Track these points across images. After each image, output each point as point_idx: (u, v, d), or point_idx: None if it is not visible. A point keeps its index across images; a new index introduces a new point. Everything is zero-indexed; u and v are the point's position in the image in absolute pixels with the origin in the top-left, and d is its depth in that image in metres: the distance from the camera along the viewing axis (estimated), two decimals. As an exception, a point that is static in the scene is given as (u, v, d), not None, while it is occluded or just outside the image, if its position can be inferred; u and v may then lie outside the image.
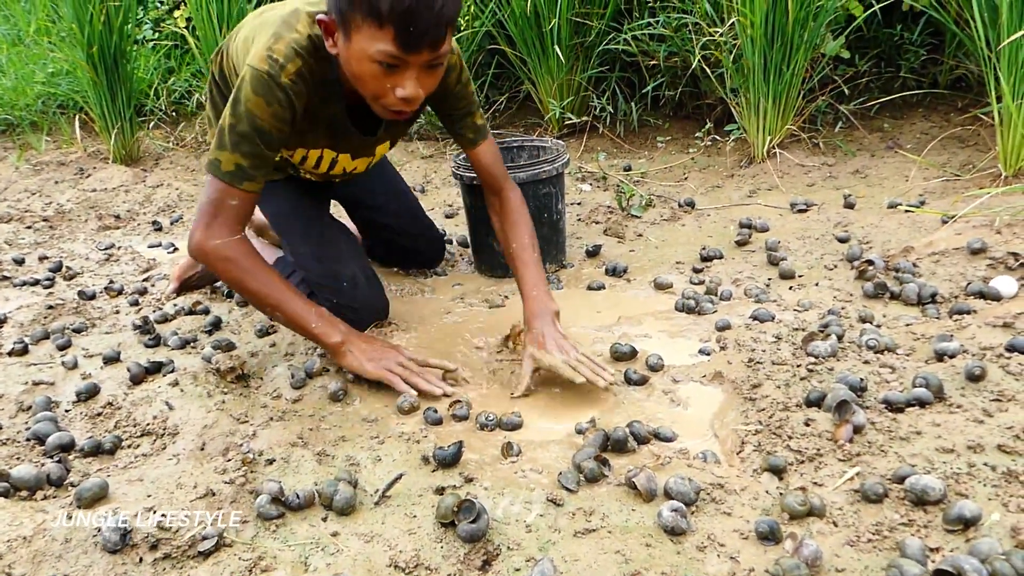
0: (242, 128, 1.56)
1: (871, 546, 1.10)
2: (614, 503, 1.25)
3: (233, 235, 1.61)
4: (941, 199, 2.62)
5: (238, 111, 1.55)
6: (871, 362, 1.58)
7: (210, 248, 1.60)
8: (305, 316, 1.66)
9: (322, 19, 1.48)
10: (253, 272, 1.62)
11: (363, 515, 1.27)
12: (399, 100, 1.48)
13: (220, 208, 1.59)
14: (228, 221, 1.60)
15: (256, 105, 1.54)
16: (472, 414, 1.61)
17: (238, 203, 1.60)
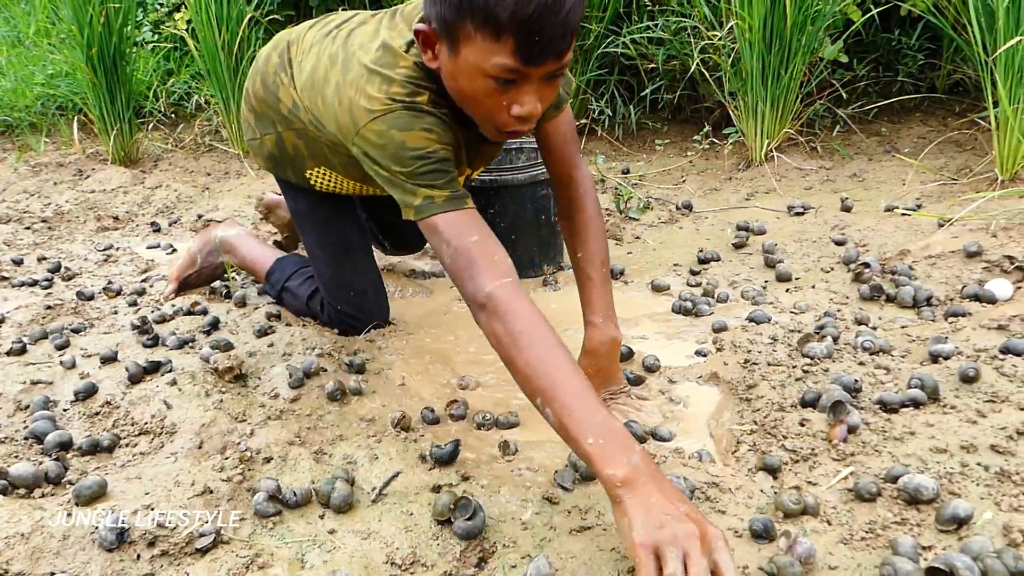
0: (416, 171, 1.32)
1: (864, 544, 1.11)
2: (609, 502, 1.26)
3: (503, 278, 1.23)
4: (938, 203, 2.63)
5: (401, 160, 1.33)
6: (866, 363, 1.59)
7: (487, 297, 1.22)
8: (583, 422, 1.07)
9: (420, 29, 1.28)
10: (531, 338, 1.16)
11: (360, 513, 1.28)
12: (514, 119, 1.27)
13: (466, 252, 1.26)
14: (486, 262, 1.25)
15: (416, 140, 1.32)
16: (469, 413, 1.62)
17: (478, 237, 1.28)
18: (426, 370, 1.86)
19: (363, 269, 1.98)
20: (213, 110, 4.34)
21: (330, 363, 1.83)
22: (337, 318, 1.99)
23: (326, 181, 1.84)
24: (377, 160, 1.37)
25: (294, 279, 2.13)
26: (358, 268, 1.97)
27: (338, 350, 1.90)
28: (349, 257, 1.96)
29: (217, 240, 2.34)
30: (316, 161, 1.79)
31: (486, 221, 1.50)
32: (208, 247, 2.35)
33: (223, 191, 3.70)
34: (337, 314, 1.99)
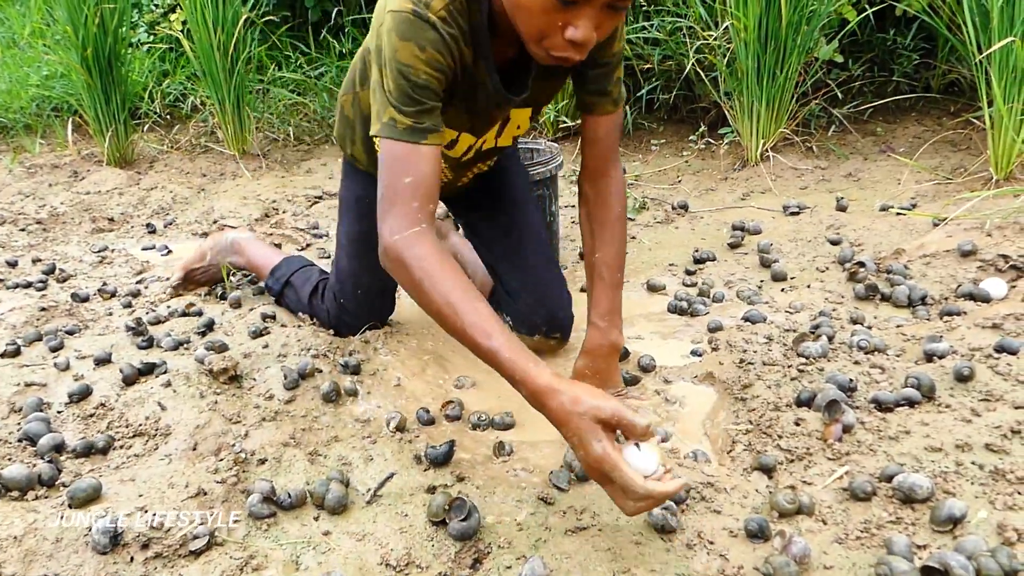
0: (395, 86, 1.27)
1: (859, 543, 1.11)
2: (605, 502, 1.26)
3: (413, 226, 1.24)
4: (933, 202, 2.63)
5: (390, 68, 1.27)
6: (861, 362, 1.59)
7: (391, 244, 1.24)
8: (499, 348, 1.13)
9: None
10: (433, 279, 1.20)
11: (355, 514, 1.28)
12: (567, 43, 1.19)
13: (394, 188, 1.26)
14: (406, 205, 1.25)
15: (407, 53, 1.26)
16: (465, 414, 1.62)
17: (413, 179, 1.26)
18: (422, 371, 1.86)
19: (378, 288, 1.95)
20: (209, 111, 4.33)
21: (325, 364, 1.83)
22: (336, 314, 1.97)
23: None
24: (377, 56, 1.31)
25: (299, 275, 2.12)
26: (371, 284, 1.93)
27: (333, 351, 1.90)
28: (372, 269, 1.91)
29: (228, 240, 2.35)
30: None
31: None
32: (219, 246, 2.36)
33: (219, 192, 3.69)
34: (338, 309, 1.97)
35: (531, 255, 1.87)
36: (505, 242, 1.89)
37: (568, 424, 1.06)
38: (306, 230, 3.04)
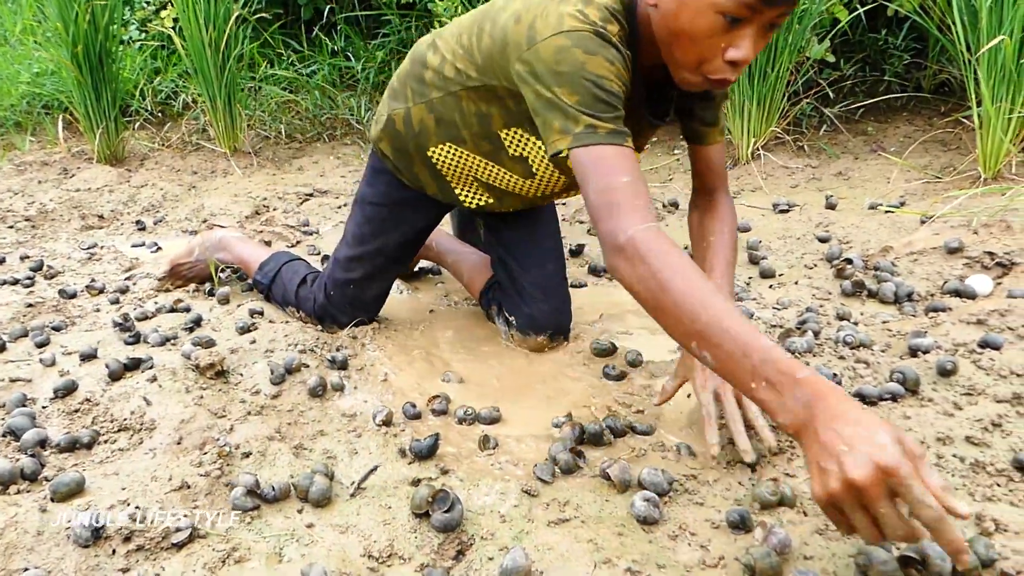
0: (586, 96, 1.24)
1: (839, 534, 1.11)
2: (588, 494, 1.26)
3: (649, 221, 1.14)
4: (921, 200, 2.64)
5: (573, 82, 1.24)
6: (846, 357, 1.59)
7: (629, 239, 1.12)
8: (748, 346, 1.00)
9: None
10: (677, 272, 1.07)
11: (338, 507, 1.28)
12: (727, 64, 1.21)
13: (612, 192, 1.17)
14: (633, 203, 1.16)
15: (597, 65, 1.24)
16: (451, 408, 1.62)
17: (630, 179, 1.18)
18: (410, 366, 1.86)
19: (385, 279, 1.97)
20: (200, 109, 4.33)
21: (312, 359, 1.82)
22: (323, 305, 1.97)
23: (451, 159, 1.74)
24: (542, 79, 1.28)
25: (287, 268, 2.12)
26: (381, 278, 1.96)
27: (321, 346, 1.90)
28: (384, 267, 1.94)
29: (217, 238, 2.35)
30: (443, 137, 1.71)
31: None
32: (208, 243, 2.35)
33: (209, 190, 3.69)
34: (326, 301, 1.96)
35: (550, 262, 1.92)
36: (528, 246, 1.92)
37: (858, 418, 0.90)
38: (296, 227, 3.03)
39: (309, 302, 2.01)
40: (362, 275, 1.93)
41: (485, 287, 2.05)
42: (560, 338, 1.90)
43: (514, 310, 1.91)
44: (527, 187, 1.74)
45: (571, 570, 1.09)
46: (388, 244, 1.92)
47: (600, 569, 1.09)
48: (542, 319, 1.88)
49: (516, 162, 1.68)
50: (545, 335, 1.88)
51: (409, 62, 1.76)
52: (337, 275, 1.95)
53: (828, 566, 1.06)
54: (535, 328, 1.88)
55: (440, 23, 3.68)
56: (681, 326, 1.06)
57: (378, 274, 1.96)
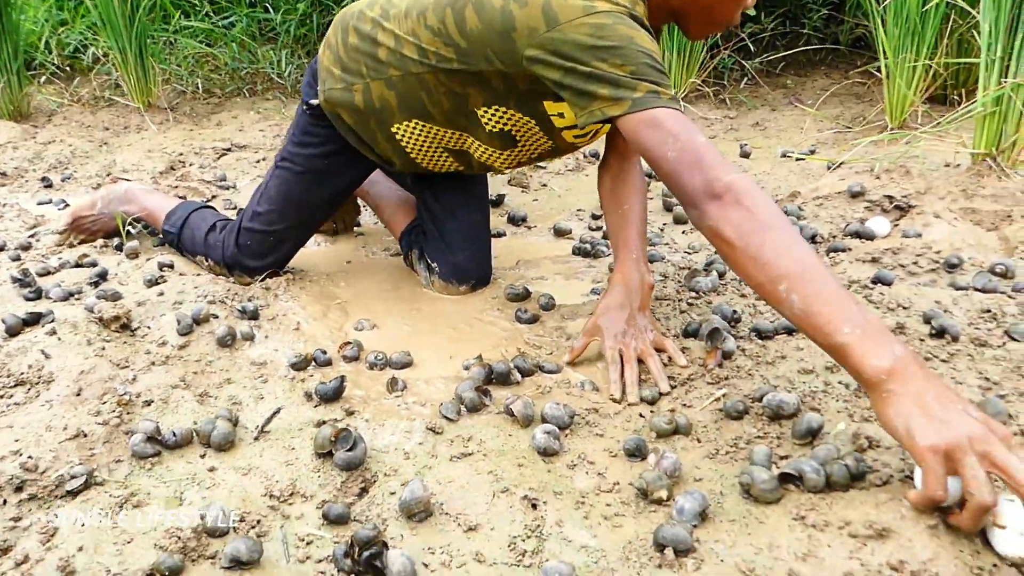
0: (641, 65, 1.26)
1: (728, 457, 1.16)
2: (492, 430, 1.28)
3: (735, 171, 1.18)
4: (831, 149, 2.72)
5: (626, 54, 1.26)
6: (748, 295, 1.64)
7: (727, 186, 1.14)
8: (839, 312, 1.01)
9: None
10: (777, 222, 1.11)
11: (241, 450, 1.27)
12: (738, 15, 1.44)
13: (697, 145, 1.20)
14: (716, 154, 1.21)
15: (644, 40, 1.28)
16: (364, 355, 1.62)
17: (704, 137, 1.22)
18: (324, 315, 1.84)
19: (307, 233, 1.96)
20: (112, 63, 4.15)
21: (222, 310, 1.79)
22: (234, 254, 1.92)
23: (417, 135, 1.72)
24: (574, 57, 1.29)
25: (195, 216, 2.06)
26: (303, 231, 1.94)
27: (232, 297, 1.86)
28: (308, 221, 1.92)
29: (122, 190, 2.27)
30: (408, 114, 1.67)
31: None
32: (112, 195, 2.28)
33: (122, 146, 3.56)
34: (237, 250, 1.91)
35: (476, 211, 1.93)
36: (456, 193, 1.92)
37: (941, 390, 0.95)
38: (213, 182, 2.96)
39: (218, 250, 1.96)
40: (284, 227, 1.90)
41: (407, 228, 2.04)
42: (482, 287, 1.91)
43: (437, 257, 1.90)
44: (502, 157, 1.73)
45: (470, 499, 1.11)
46: (318, 199, 1.89)
47: (498, 498, 1.11)
48: (466, 268, 1.88)
49: (495, 136, 1.66)
50: (468, 284, 1.89)
51: (356, 37, 1.69)
52: (255, 226, 1.91)
53: (716, 487, 1.11)
54: (458, 277, 1.88)
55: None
56: (776, 267, 1.07)
57: (301, 227, 1.93)
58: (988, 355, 1.31)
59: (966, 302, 1.48)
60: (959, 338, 1.36)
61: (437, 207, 1.93)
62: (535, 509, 1.09)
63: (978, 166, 2.11)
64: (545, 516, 1.07)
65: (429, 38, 1.55)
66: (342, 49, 1.74)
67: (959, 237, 1.84)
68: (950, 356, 1.33)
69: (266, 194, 1.92)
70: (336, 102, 1.77)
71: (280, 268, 1.98)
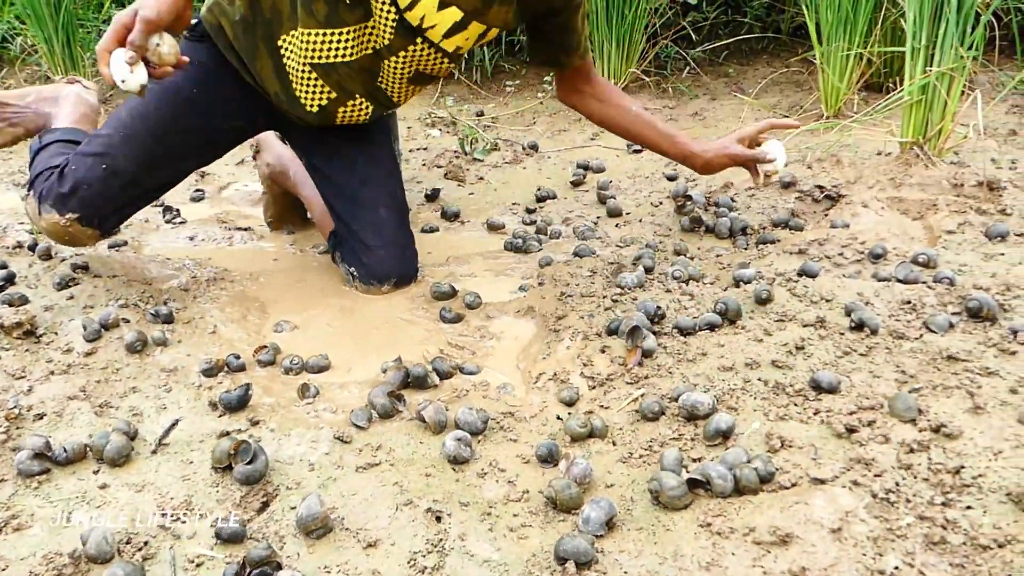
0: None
1: (641, 461, 1.13)
2: (403, 437, 1.24)
3: None
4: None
5: None
6: (673, 291, 1.62)
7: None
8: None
9: None
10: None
11: (137, 465, 1.21)
12: None
13: None
14: None
15: None
16: (280, 359, 1.56)
17: None
18: (243, 318, 1.78)
19: (134, 187, 1.70)
20: (40, 54, 3.99)
21: (134, 314, 1.72)
22: (50, 184, 1.67)
23: (297, 47, 1.62)
24: None
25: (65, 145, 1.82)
26: (130, 180, 1.67)
27: (146, 300, 1.79)
28: (147, 167, 1.68)
29: (66, 92, 2.05)
30: (293, 22, 1.60)
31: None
32: (52, 93, 2.05)
33: (48, 140, 3.42)
34: (56, 179, 1.66)
35: (382, 207, 1.84)
36: (357, 189, 1.84)
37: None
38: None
39: (41, 179, 1.70)
40: (124, 157, 1.65)
41: (334, 229, 1.97)
42: (404, 286, 1.85)
43: (353, 260, 1.84)
44: (365, 43, 1.62)
45: (372, 513, 1.07)
46: (175, 131, 1.69)
47: (401, 511, 1.07)
48: (381, 268, 1.82)
49: (355, 7, 1.56)
50: (389, 283, 1.83)
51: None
52: (89, 149, 1.66)
53: (626, 492, 1.08)
54: (376, 278, 1.82)
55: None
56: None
57: (143, 167, 1.68)
58: (905, 348, 1.30)
59: (887, 293, 1.48)
60: (878, 331, 1.35)
61: (340, 206, 1.85)
62: (439, 522, 1.05)
63: (906, 155, 2.12)
64: (449, 529, 1.03)
65: None
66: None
67: (885, 227, 1.83)
68: (868, 350, 1.31)
69: (115, 115, 1.70)
70: (221, 11, 1.67)
71: (102, 223, 1.72)
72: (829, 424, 1.12)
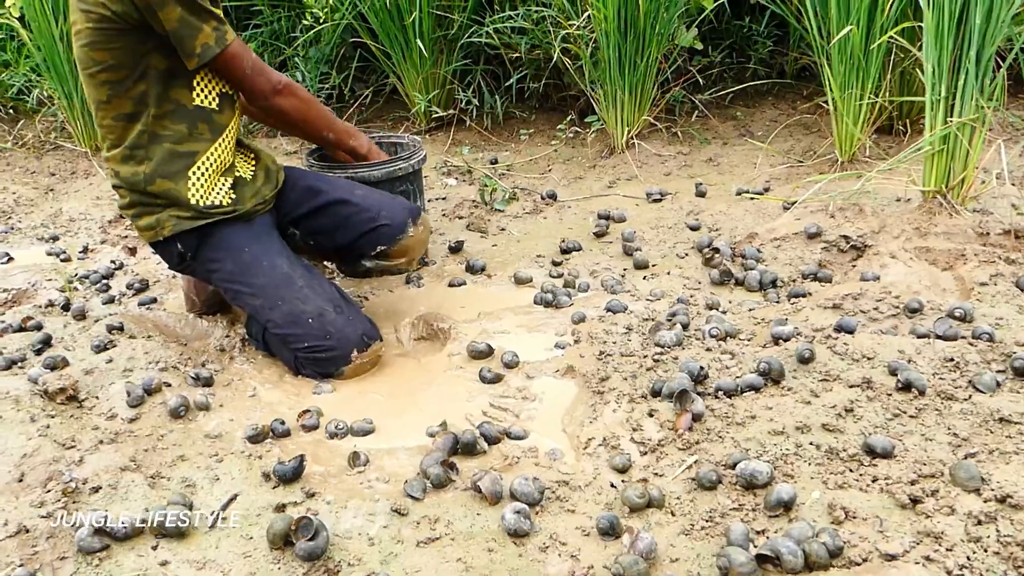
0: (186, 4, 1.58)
1: (704, 533, 1.13)
2: (459, 509, 1.24)
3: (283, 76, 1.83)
4: (785, 184, 2.75)
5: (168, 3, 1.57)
6: (713, 349, 1.63)
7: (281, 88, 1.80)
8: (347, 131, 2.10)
9: None
10: (312, 101, 1.93)
11: (196, 540, 1.21)
12: None
13: (252, 62, 1.75)
14: (266, 68, 1.81)
15: None
16: (323, 422, 1.57)
17: (254, 56, 1.78)
18: (280, 379, 1.79)
19: (310, 291, 1.77)
20: (57, 106, 4.03)
21: (175, 377, 1.73)
22: (311, 359, 1.75)
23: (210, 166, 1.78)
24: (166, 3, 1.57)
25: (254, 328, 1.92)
26: (302, 294, 1.76)
27: (184, 363, 1.80)
28: (287, 287, 1.76)
29: None
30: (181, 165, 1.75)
31: None
32: None
33: (69, 192, 3.45)
34: (307, 353, 1.74)
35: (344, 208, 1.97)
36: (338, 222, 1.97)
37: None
38: (162, 232, 2.87)
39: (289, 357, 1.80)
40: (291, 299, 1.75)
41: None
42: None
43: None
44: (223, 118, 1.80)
45: (439, 591, 1.07)
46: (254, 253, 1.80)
47: (469, 588, 1.07)
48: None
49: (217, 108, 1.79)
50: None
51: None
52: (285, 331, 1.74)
53: (693, 568, 1.08)
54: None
55: (312, 14, 3.55)
56: (321, 124, 1.99)
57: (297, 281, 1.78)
58: (955, 409, 1.31)
59: (929, 351, 1.49)
60: (925, 392, 1.36)
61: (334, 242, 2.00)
62: (508, 599, 1.05)
63: (929, 203, 2.15)
64: (518, 607, 1.03)
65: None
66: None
67: (916, 279, 1.85)
68: (918, 411, 1.32)
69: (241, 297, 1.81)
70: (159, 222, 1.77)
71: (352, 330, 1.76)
72: (891, 493, 1.13)
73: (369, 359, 1.77)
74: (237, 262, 1.78)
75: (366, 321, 1.82)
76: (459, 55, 3.65)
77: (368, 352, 1.76)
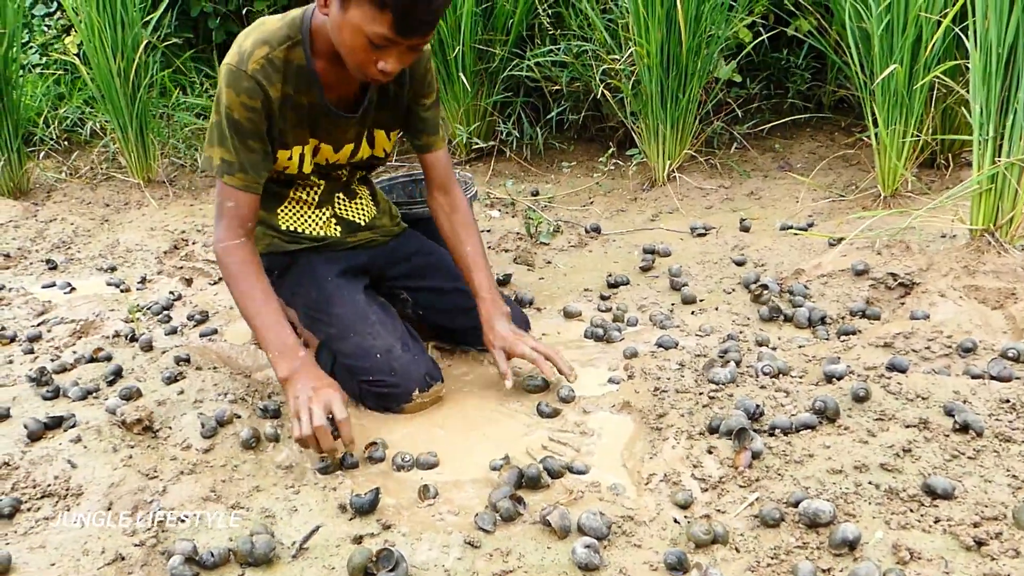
0: (220, 123, 1.66)
1: (770, 571, 1.17)
2: (530, 542, 1.29)
3: (233, 239, 1.69)
4: (828, 219, 2.78)
5: (218, 108, 1.66)
6: (767, 387, 1.67)
7: (217, 250, 1.71)
8: (267, 341, 1.67)
9: None
10: (238, 279, 1.69)
11: (280, 570, 1.27)
12: (379, 72, 1.56)
13: (222, 209, 1.70)
14: (229, 223, 1.69)
15: (228, 97, 1.63)
16: (389, 454, 1.62)
17: (233, 204, 1.69)
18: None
19: (381, 327, 1.85)
20: (110, 137, 4.18)
21: (244, 409, 1.80)
22: (376, 392, 1.81)
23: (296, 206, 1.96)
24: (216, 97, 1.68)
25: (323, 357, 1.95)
26: (374, 329, 1.84)
27: (252, 394, 1.87)
28: (362, 322, 1.85)
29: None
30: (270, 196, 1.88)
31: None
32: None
33: (123, 223, 3.57)
34: (372, 387, 1.80)
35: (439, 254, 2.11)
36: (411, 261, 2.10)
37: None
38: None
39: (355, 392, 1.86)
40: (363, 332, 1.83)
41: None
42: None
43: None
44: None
45: (518, 624, 1.12)
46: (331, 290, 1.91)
47: (546, 621, 1.12)
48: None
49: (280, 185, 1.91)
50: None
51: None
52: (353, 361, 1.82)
53: (760, 603, 1.12)
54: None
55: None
56: (242, 309, 1.71)
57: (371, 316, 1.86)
58: (1014, 451, 1.34)
59: (984, 392, 1.52)
60: (983, 433, 1.39)
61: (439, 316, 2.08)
62: (584, 632, 1.09)
63: (977, 241, 2.17)
64: (594, 640, 1.08)
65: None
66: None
67: (967, 318, 1.88)
68: (976, 453, 1.36)
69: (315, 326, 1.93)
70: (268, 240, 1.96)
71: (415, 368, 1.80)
72: (955, 535, 1.16)
73: (430, 399, 1.82)
74: (321, 290, 1.92)
75: (430, 362, 1.88)
76: (500, 87, 3.74)
77: (430, 392, 1.81)
